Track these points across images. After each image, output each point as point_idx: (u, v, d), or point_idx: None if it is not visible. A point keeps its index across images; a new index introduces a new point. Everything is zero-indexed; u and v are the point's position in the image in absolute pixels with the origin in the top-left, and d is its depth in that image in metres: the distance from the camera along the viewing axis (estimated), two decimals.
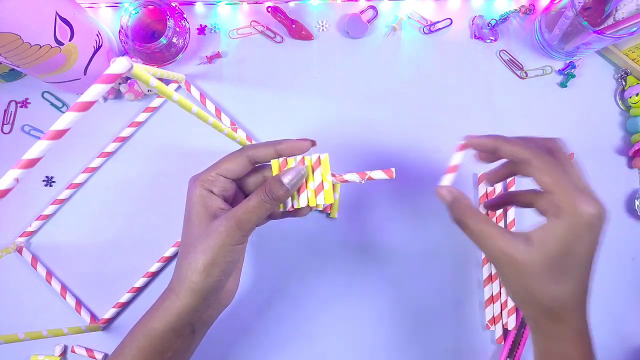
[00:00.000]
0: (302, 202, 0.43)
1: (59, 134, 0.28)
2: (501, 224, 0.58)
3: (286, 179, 0.41)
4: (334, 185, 0.42)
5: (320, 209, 0.43)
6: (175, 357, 0.43)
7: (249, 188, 0.46)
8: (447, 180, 0.42)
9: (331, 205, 0.43)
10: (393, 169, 0.42)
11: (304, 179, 0.43)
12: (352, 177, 0.43)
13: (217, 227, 0.40)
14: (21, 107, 0.61)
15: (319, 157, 0.43)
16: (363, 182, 0.43)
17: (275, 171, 0.43)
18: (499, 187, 0.59)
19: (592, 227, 0.36)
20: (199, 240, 0.41)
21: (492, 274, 0.57)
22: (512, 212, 0.58)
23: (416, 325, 0.58)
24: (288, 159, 0.43)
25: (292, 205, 0.43)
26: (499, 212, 0.59)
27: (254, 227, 0.41)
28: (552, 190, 0.37)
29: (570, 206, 0.36)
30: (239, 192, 0.46)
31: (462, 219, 0.41)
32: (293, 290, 0.59)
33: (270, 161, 0.44)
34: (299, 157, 0.43)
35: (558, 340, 0.40)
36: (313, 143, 0.44)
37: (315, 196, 0.43)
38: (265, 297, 0.59)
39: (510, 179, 0.59)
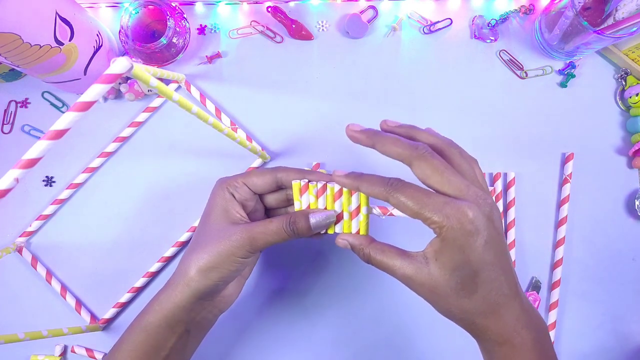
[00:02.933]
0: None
1: (59, 134, 0.29)
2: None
3: (313, 219, 0.42)
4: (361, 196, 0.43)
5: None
6: (171, 356, 0.43)
7: (269, 203, 0.47)
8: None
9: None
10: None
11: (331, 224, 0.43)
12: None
13: (231, 235, 0.41)
14: (21, 107, 0.61)
15: (342, 188, 0.42)
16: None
17: (296, 194, 0.43)
18: (498, 188, 0.59)
19: (472, 232, 0.34)
20: (210, 240, 0.41)
21: None
22: (512, 211, 0.58)
23: (417, 325, 0.58)
24: (310, 184, 0.43)
25: None
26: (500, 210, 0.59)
27: (265, 248, 0.42)
28: (418, 216, 0.35)
29: (441, 222, 0.34)
30: (259, 204, 0.47)
31: (366, 259, 0.40)
32: (294, 291, 0.59)
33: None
34: (320, 184, 0.43)
35: (497, 345, 0.38)
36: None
37: (335, 225, 0.43)
38: (266, 297, 0.59)
39: (511, 198, 0.59)
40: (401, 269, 0.38)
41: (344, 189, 0.42)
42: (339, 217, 0.43)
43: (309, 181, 0.43)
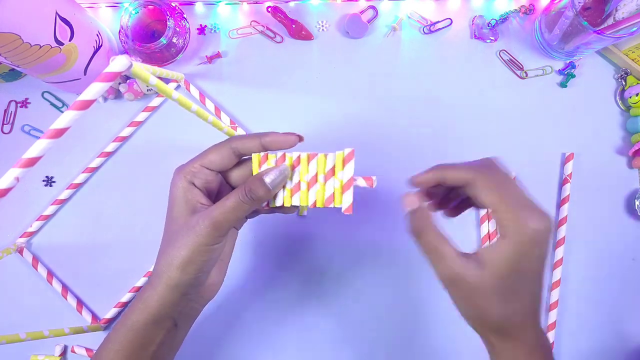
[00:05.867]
0: (277, 202, 0.42)
1: (59, 133, 0.28)
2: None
3: (268, 179, 0.40)
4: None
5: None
6: (160, 350, 0.42)
7: (234, 181, 0.45)
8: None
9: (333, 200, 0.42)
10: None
11: (287, 179, 0.41)
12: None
13: (194, 225, 0.39)
14: (21, 107, 0.61)
15: (299, 155, 0.41)
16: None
17: (255, 167, 0.42)
18: None
19: (538, 243, 0.36)
20: (177, 236, 0.40)
21: None
22: None
23: (416, 323, 0.58)
24: (269, 154, 0.41)
25: (267, 204, 0.42)
26: None
27: (231, 227, 0.40)
28: (496, 209, 0.37)
29: (514, 224, 0.36)
30: (224, 185, 0.45)
31: (418, 231, 0.40)
32: (292, 290, 0.59)
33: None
34: (279, 153, 0.41)
35: (511, 358, 0.39)
36: (300, 138, 0.42)
37: (291, 196, 0.42)
38: (264, 296, 0.59)
39: None
40: (451, 260, 0.38)
41: (302, 157, 0.41)
42: (295, 188, 0.41)
43: (267, 152, 0.41)
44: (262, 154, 0.41)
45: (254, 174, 0.42)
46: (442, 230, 0.40)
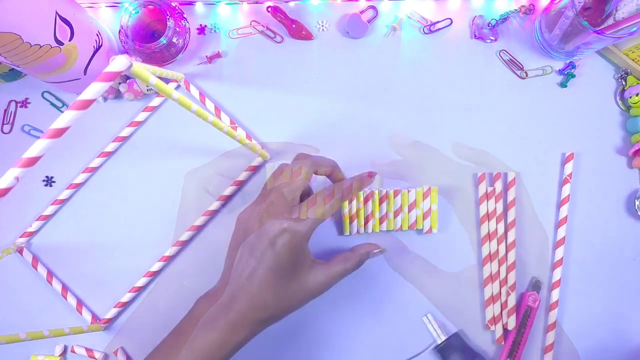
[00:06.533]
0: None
1: (59, 133, 0.28)
2: (501, 224, 0.58)
3: (372, 253, 0.52)
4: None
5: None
6: None
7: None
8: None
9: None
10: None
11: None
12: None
13: (311, 291, 0.48)
14: (21, 107, 0.61)
15: (387, 192, 0.56)
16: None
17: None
18: (498, 188, 0.59)
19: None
20: (286, 294, 0.46)
21: (492, 273, 0.57)
22: (512, 211, 0.58)
23: (416, 324, 0.58)
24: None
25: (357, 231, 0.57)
26: (500, 212, 0.59)
27: None
28: None
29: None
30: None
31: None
32: None
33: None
34: (367, 191, 0.56)
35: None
36: (371, 175, 0.50)
37: (379, 224, 0.57)
38: None
39: (511, 198, 0.59)
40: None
41: (389, 193, 0.57)
42: (352, 217, 0.57)
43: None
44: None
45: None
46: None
